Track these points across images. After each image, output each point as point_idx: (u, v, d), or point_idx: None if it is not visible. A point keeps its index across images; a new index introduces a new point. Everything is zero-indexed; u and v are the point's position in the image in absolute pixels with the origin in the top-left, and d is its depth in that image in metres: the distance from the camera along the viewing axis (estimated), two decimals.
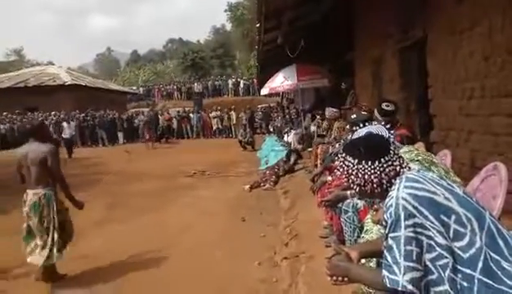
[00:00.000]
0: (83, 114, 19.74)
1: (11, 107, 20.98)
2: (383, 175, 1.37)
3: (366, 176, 1.39)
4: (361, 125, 1.52)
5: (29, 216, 3.70)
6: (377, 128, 1.49)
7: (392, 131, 1.46)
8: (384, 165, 1.38)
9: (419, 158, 2.11)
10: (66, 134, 15.07)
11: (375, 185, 1.39)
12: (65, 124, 15.67)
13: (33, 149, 3.70)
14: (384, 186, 1.38)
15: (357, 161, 1.41)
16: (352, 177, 1.43)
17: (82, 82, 24.49)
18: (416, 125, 5.31)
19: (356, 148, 1.43)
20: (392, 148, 1.42)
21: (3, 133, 19.92)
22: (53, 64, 33.11)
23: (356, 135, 1.49)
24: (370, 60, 7.19)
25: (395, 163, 1.39)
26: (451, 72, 4.12)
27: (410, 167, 1.42)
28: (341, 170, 1.46)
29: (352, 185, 1.46)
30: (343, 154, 1.46)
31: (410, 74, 5.60)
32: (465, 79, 3.84)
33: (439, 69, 4.44)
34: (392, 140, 1.44)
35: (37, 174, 3.67)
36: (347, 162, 1.44)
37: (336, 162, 1.51)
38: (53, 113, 20.02)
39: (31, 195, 3.68)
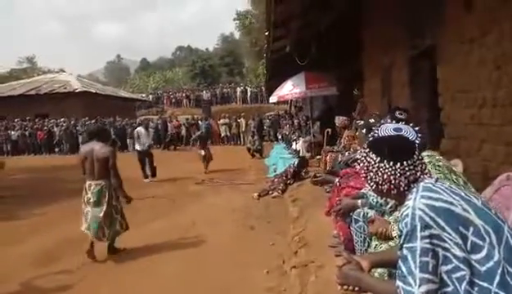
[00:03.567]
0: (93, 121, 19.95)
1: (22, 113, 21.34)
2: (402, 178, 1.37)
3: (385, 176, 1.38)
4: (389, 120, 1.50)
5: (89, 202, 4.47)
6: (407, 128, 1.47)
7: (419, 135, 1.45)
8: (406, 168, 1.37)
9: (441, 163, 2.09)
10: (144, 143, 10.10)
11: (392, 187, 1.39)
12: (141, 130, 10.41)
13: (98, 148, 4.48)
14: (401, 189, 1.37)
15: (379, 159, 1.40)
16: (371, 174, 1.42)
17: (92, 89, 24.82)
18: (427, 134, 5.27)
19: (381, 146, 1.42)
20: (416, 152, 1.40)
21: (15, 139, 20.23)
22: (64, 72, 33.56)
23: (383, 129, 1.47)
24: (380, 67, 7.17)
25: (416, 168, 1.38)
26: (462, 80, 4.09)
27: (430, 174, 1.41)
28: (361, 164, 1.46)
29: (369, 182, 1.45)
30: (367, 149, 1.45)
31: (420, 82, 5.57)
32: (477, 88, 3.81)
33: (450, 78, 4.41)
34: (418, 142, 1.43)
35: (100, 169, 4.47)
36: (369, 158, 1.43)
37: (358, 156, 1.50)
38: (62, 119, 20.31)
39: (94, 185, 4.48)
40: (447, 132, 4.60)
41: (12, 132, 20.35)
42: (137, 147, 10.20)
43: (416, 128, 1.50)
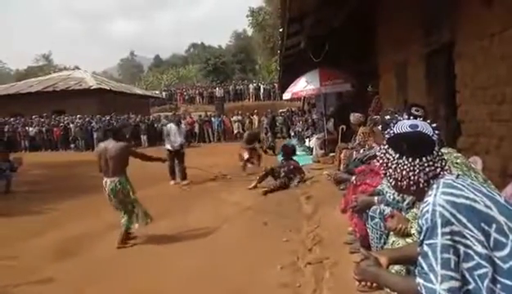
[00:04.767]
0: (108, 118, 20.21)
1: (39, 110, 21.71)
2: (421, 174, 1.36)
3: (404, 172, 1.38)
4: (406, 117, 1.50)
5: (110, 197, 4.82)
6: (423, 124, 1.46)
7: (437, 131, 1.44)
8: (425, 164, 1.36)
9: (459, 161, 2.07)
10: (176, 142, 8.72)
11: (411, 183, 1.38)
12: (172, 126, 8.88)
13: (111, 146, 4.77)
14: (421, 185, 1.37)
15: (398, 155, 1.40)
16: (390, 171, 1.42)
17: (106, 86, 25.11)
18: (443, 131, 5.20)
19: (399, 142, 1.42)
20: (436, 149, 1.40)
21: (32, 136, 20.63)
22: (79, 69, 34.03)
23: (400, 125, 1.47)
24: (396, 63, 7.09)
25: (436, 165, 1.37)
26: (481, 76, 4.02)
27: (451, 171, 1.40)
28: (381, 161, 1.46)
29: (388, 178, 1.45)
30: (386, 146, 1.45)
31: (436, 79, 5.49)
32: (496, 84, 3.74)
33: (468, 74, 4.34)
34: (436, 138, 1.42)
35: (113, 166, 4.73)
36: (388, 155, 1.43)
37: (377, 153, 1.50)
38: (78, 116, 20.61)
39: (109, 182, 4.76)
40: (465, 129, 4.53)
41: (30, 129, 20.76)
42: (168, 146, 8.69)
43: (433, 125, 1.49)
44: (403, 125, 1.47)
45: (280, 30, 8.26)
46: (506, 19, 3.50)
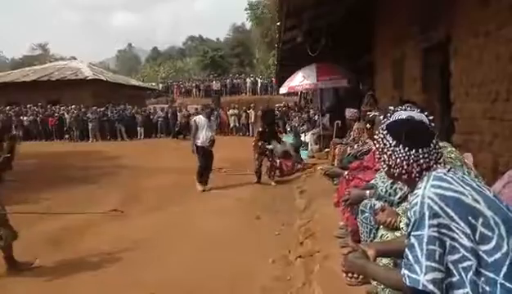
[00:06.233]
0: (103, 108, 20.10)
1: (35, 100, 21.55)
2: (415, 165, 1.37)
3: (398, 161, 1.39)
4: (403, 108, 1.50)
5: None
6: (419, 115, 1.46)
7: (433, 124, 1.44)
8: (420, 156, 1.37)
9: (452, 155, 2.08)
10: (203, 138, 7.64)
11: (403, 171, 1.39)
12: (201, 119, 7.89)
13: None
14: (413, 176, 1.38)
15: (395, 143, 1.40)
16: (385, 156, 1.43)
17: (103, 77, 24.92)
18: (438, 128, 5.21)
19: (399, 129, 1.42)
20: (434, 141, 1.40)
21: (26, 125, 20.49)
22: (76, 59, 33.77)
23: (396, 117, 1.47)
24: (391, 60, 7.10)
25: (431, 157, 1.37)
26: (476, 74, 4.03)
27: (445, 164, 1.40)
28: (377, 145, 1.46)
29: (382, 163, 1.46)
30: (385, 131, 1.45)
31: (432, 76, 5.50)
32: (490, 82, 3.75)
33: (463, 71, 4.34)
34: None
35: None
36: (385, 140, 1.43)
37: (376, 136, 1.50)
38: (73, 106, 20.48)
39: None
40: (458, 126, 4.54)
41: (24, 118, 20.62)
42: (197, 142, 7.64)
43: (430, 117, 1.49)
44: (400, 116, 1.47)
45: (278, 24, 8.23)
46: (502, 17, 3.50)
